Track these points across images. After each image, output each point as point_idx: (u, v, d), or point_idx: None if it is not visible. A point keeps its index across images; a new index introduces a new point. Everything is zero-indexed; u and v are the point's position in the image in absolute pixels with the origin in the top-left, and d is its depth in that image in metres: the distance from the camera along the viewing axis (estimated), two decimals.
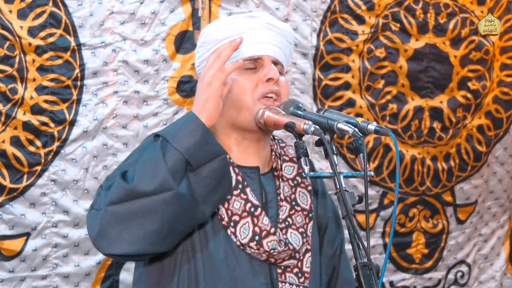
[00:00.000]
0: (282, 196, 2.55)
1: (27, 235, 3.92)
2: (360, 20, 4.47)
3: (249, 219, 2.47)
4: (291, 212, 2.54)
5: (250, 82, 2.49)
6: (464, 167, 4.77)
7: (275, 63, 2.54)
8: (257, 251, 2.45)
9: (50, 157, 3.92)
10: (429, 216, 4.77)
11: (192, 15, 4.11)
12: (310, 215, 2.58)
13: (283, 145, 2.66)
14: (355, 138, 2.35)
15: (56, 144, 3.93)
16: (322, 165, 4.36)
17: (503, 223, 4.94)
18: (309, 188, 2.61)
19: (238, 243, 2.46)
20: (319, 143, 2.39)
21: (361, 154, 2.35)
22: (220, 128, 2.56)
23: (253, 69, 2.51)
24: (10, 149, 3.84)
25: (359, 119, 2.41)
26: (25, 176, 3.88)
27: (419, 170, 4.69)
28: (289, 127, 2.40)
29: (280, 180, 2.58)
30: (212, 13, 4.12)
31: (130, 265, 4.02)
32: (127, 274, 4.10)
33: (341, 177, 2.32)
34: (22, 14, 3.82)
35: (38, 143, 3.89)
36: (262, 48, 2.52)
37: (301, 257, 2.54)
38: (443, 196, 4.77)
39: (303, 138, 2.42)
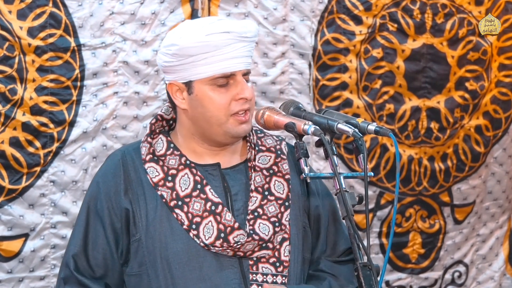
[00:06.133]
0: (253, 187, 2.57)
1: (26, 236, 3.92)
2: (357, 21, 4.48)
3: (211, 218, 2.49)
4: (262, 202, 2.55)
5: (223, 99, 2.51)
6: (462, 168, 4.77)
7: (245, 73, 2.55)
8: (221, 248, 2.48)
9: (49, 158, 3.91)
10: (426, 216, 4.77)
11: (191, 15, 4.10)
12: (287, 203, 2.58)
13: (261, 135, 2.68)
14: (355, 138, 2.36)
15: (56, 145, 3.92)
16: (320, 166, 4.37)
17: (501, 223, 4.94)
18: (287, 177, 2.61)
19: (202, 244, 2.48)
20: (319, 143, 2.40)
21: (361, 155, 2.36)
22: (187, 132, 2.59)
23: (225, 85, 2.52)
24: (9, 150, 3.84)
25: (359, 120, 2.42)
26: (24, 177, 3.88)
27: (416, 170, 4.69)
28: (289, 127, 2.41)
29: (253, 170, 2.59)
30: (211, 13, 4.12)
31: None
32: None
33: (341, 177, 2.34)
34: (21, 15, 3.82)
35: (38, 143, 3.89)
36: (235, 63, 2.51)
37: (278, 247, 2.55)
38: (440, 196, 4.78)
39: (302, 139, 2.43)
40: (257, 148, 2.62)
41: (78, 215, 2.63)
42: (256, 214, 2.53)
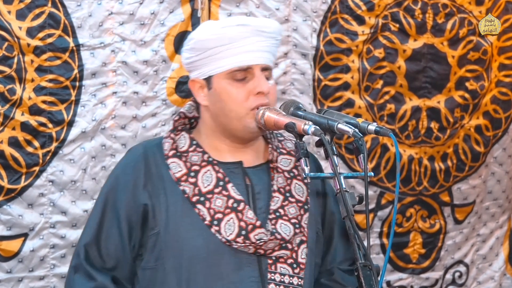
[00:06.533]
0: (275, 187, 2.58)
1: (25, 235, 3.91)
2: (360, 21, 4.47)
3: (233, 215, 2.50)
4: (284, 203, 2.57)
5: (241, 93, 2.52)
6: (462, 167, 4.77)
7: (265, 68, 2.57)
8: (243, 244, 2.48)
9: (48, 157, 3.91)
10: (426, 216, 4.77)
11: (191, 15, 4.10)
12: (306, 207, 2.60)
13: (281, 138, 2.70)
14: (355, 138, 2.36)
15: (54, 144, 3.92)
16: None
17: (502, 223, 4.94)
18: (306, 181, 2.63)
19: (223, 239, 2.49)
20: (319, 143, 2.40)
21: (362, 155, 2.37)
22: (209, 130, 2.61)
23: (243, 79, 2.53)
24: (8, 150, 3.84)
25: (360, 120, 2.42)
26: (23, 177, 3.87)
27: (416, 170, 4.69)
28: (289, 127, 2.42)
29: (275, 171, 2.60)
30: (211, 14, 4.11)
31: None
32: None
33: (342, 177, 2.34)
34: (21, 15, 3.81)
35: (36, 143, 3.88)
36: (252, 57, 2.53)
37: (296, 248, 2.56)
38: (441, 196, 4.77)
39: (303, 139, 2.43)
40: (278, 151, 2.64)
41: (94, 205, 2.64)
42: (277, 214, 2.55)
